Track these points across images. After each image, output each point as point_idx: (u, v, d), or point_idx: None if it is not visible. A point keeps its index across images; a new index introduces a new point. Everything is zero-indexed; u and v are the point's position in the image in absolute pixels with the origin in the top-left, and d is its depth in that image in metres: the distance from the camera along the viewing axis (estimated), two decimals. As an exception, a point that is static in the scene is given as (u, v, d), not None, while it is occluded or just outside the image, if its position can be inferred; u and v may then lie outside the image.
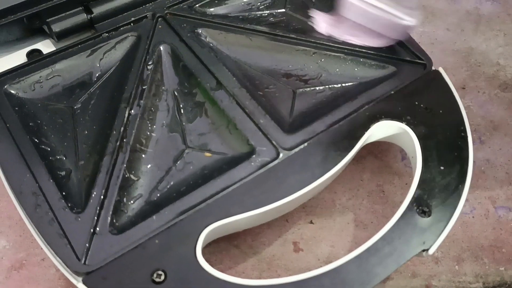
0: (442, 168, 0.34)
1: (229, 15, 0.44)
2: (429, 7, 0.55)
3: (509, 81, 0.49)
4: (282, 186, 0.33)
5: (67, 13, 0.40)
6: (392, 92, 0.38)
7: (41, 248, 0.32)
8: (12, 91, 0.37)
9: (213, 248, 0.36)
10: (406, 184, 0.41)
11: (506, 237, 0.38)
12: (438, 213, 0.32)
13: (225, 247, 0.37)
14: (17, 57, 0.39)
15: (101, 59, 0.40)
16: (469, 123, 0.42)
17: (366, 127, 0.36)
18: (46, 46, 0.40)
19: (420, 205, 0.32)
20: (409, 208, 0.32)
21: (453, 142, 0.35)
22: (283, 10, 0.45)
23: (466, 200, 0.38)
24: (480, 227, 0.39)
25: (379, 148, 0.42)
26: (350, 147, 0.35)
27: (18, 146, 0.33)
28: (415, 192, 0.33)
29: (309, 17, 0.44)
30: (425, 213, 0.32)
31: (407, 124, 0.36)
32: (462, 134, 0.36)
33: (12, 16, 0.38)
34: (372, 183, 0.41)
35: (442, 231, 0.31)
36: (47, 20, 0.39)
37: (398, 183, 0.41)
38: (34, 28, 0.40)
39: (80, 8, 0.40)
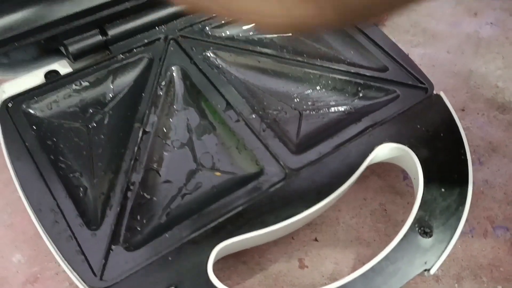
0: (443, 190, 0.35)
1: (239, 37, 0.46)
2: (430, 30, 0.57)
3: (508, 103, 0.50)
4: (289, 206, 0.34)
5: (84, 35, 0.41)
6: (395, 115, 0.39)
7: (55, 262, 0.33)
8: (31, 110, 0.38)
9: (222, 265, 0.38)
10: (408, 203, 0.42)
11: (504, 256, 0.40)
12: (439, 234, 0.33)
13: (233, 264, 0.38)
14: (35, 77, 0.41)
15: (115, 80, 0.41)
16: (469, 144, 0.43)
17: (370, 149, 0.37)
18: (62, 66, 0.42)
19: (422, 226, 0.34)
20: (411, 228, 0.34)
21: (454, 164, 0.37)
22: (290, 33, 0.47)
23: (466, 219, 0.39)
24: (479, 246, 0.40)
25: (382, 168, 0.44)
26: (354, 169, 0.36)
27: (36, 164, 0.35)
28: (417, 214, 0.34)
29: (314, 40, 0.46)
30: (426, 234, 0.33)
31: (409, 147, 0.37)
32: (462, 157, 0.37)
33: (31, 38, 0.39)
34: (375, 202, 0.42)
35: (443, 251, 0.33)
36: (64, 41, 0.41)
37: (400, 202, 0.42)
38: (50, 49, 0.42)
39: (96, 30, 0.42)
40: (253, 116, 0.39)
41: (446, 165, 0.37)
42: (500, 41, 0.56)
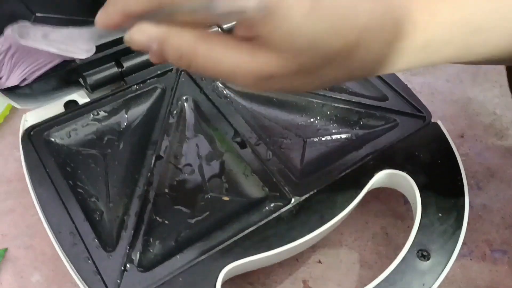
0: (440, 214, 0.37)
1: (246, 68, 0.49)
2: (429, 59, 0.59)
3: (505, 130, 0.52)
4: (293, 230, 0.36)
5: (101, 67, 0.44)
6: (395, 143, 0.41)
7: (71, 282, 0.35)
8: (51, 138, 0.41)
9: (229, 285, 0.39)
10: (408, 227, 0.44)
11: (501, 279, 0.41)
12: (437, 257, 0.35)
13: (240, 285, 0.40)
14: (56, 106, 0.43)
15: (130, 109, 0.44)
16: (468, 170, 0.45)
17: (370, 176, 0.39)
18: (81, 97, 0.45)
19: (420, 250, 0.35)
20: (410, 252, 0.35)
21: (451, 190, 0.39)
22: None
23: (465, 243, 0.41)
24: (477, 269, 0.42)
25: (383, 193, 0.46)
26: (355, 194, 0.38)
27: (56, 189, 0.37)
28: (415, 237, 0.36)
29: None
30: (424, 257, 0.35)
31: (407, 173, 0.39)
32: (459, 183, 0.39)
33: (53, 71, 0.42)
34: (376, 226, 0.44)
35: (440, 274, 0.34)
36: (83, 73, 0.44)
37: (401, 226, 0.44)
38: (70, 80, 0.45)
39: (112, 62, 0.45)
40: (260, 143, 0.41)
41: (443, 191, 0.39)
42: (498, 69, 0.58)
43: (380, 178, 0.40)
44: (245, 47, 0.23)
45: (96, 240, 0.35)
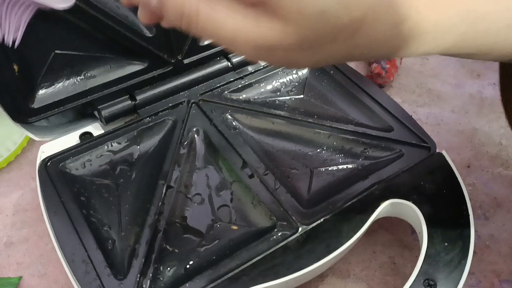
0: (446, 244, 0.38)
1: (255, 100, 0.50)
2: (435, 91, 0.61)
3: (511, 160, 0.53)
4: (300, 258, 0.36)
5: (115, 100, 0.46)
6: (400, 173, 0.42)
7: (83, 311, 0.35)
8: (67, 169, 0.43)
9: (238, 314, 0.40)
10: (416, 256, 0.44)
11: (511, 310, 0.41)
12: (443, 287, 0.35)
13: (248, 314, 0.40)
14: (71, 138, 0.45)
15: (142, 140, 0.46)
16: (474, 200, 0.45)
17: (376, 205, 0.40)
18: (95, 128, 0.46)
19: (427, 279, 0.36)
20: (416, 281, 0.36)
21: (456, 220, 0.39)
22: (302, 96, 0.51)
23: (472, 273, 0.41)
24: (486, 300, 0.42)
25: (390, 222, 0.46)
26: (362, 223, 0.39)
27: (70, 218, 0.38)
28: (421, 267, 0.36)
29: (324, 103, 0.50)
30: (431, 286, 0.35)
31: (413, 203, 0.40)
32: (464, 213, 0.39)
33: (69, 104, 0.44)
34: (384, 255, 0.44)
35: (447, 303, 0.35)
36: (98, 107, 0.45)
37: (408, 256, 0.44)
38: (85, 113, 0.47)
39: (126, 96, 0.47)
40: (267, 173, 0.42)
41: (449, 221, 0.39)
42: (503, 100, 0.59)
43: (386, 208, 0.40)
44: (250, 12, 0.22)
45: (108, 268, 0.36)
